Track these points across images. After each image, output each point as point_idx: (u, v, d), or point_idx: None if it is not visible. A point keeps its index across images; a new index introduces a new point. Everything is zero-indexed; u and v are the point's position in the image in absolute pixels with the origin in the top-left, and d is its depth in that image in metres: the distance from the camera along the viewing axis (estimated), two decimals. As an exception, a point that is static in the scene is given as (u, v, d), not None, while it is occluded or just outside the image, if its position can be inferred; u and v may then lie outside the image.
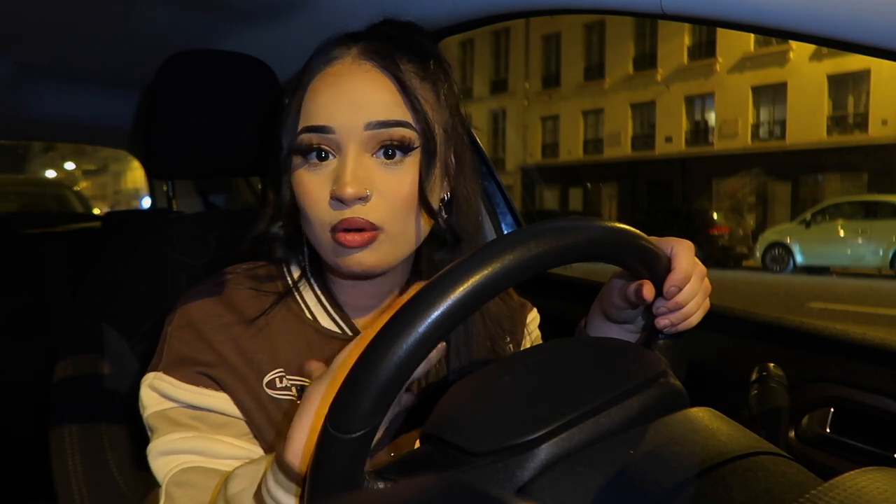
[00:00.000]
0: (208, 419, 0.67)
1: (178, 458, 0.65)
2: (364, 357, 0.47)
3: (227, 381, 0.68)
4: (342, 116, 0.66)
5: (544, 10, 0.97)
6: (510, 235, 0.49)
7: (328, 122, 0.66)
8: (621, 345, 0.66)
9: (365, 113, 0.66)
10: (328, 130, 0.66)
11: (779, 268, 12.85)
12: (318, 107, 0.67)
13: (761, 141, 19.52)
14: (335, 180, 0.66)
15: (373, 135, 0.66)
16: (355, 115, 0.66)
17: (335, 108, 0.66)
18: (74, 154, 25.05)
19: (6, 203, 4.89)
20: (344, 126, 0.66)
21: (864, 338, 0.88)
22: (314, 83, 0.68)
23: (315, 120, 0.67)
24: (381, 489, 0.51)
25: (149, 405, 0.68)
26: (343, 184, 0.64)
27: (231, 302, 0.72)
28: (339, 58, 0.69)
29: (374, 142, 0.66)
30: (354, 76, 0.67)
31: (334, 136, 0.66)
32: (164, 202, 1.46)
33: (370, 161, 0.67)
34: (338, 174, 0.66)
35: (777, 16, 0.69)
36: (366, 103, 0.66)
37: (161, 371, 0.68)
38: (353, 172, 0.65)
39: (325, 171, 0.67)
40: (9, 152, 17.37)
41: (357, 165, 0.66)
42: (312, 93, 0.68)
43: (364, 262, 0.67)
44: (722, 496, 0.45)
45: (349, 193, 0.64)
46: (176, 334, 0.70)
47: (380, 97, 0.66)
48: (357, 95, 0.66)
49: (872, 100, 17.32)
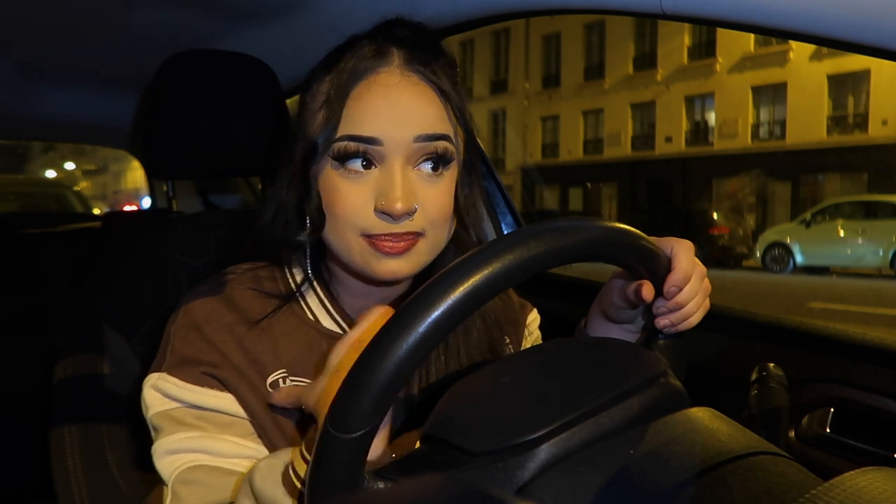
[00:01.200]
0: (213, 419, 0.67)
1: (185, 457, 0.65)
2: (364, 357, 0.47)
3: (231, 381, 0.68)
4: (391, 129, 0.65)
5: (544, 10, 0.97)
6: (510, 235, 0.49)
7: (377, 134, 0.65)
8: (621, 345, 0.66)
9: (414, 126, 0.66)
10: (376, 142, 0.65)
11: (779, 268, 12.86)
12: (365, 116, 0.66)
13: (761, 141, 19.52)
14: (382, 193, 0.65)
15: (419, 147, 0.66)
16: (404, 129, 0.65)
17: (384, 121, 0.65)
18: (74, 154, 25.06)
19: (6, 203, 4.89)
20: (393, 139, 0.65)
21: (864, 338, 0.88)
22: (358, 90, 0.66)
23: (362, 130, 0.65)
24: (382, 489, 0.51)
25: (153, 405, 0.68)
26: (394, 199, 0.64)
27: (233, 302, 0.72)
28: (386, 66, 0.67)
29: (419, 154, 0.67)
30: (403, 88, 0.66)
31: (381, 148, 0.66)
32: (164, 202, 1.46)
33: (413, 174, 0.67)
34: (385, 188, 0.65)
35: (777, 16, 0.68)
36: (415, 117, 0.66)
37: (165, 371, 0.68)
38: (402, 187, 0.65)
39: (367, 179, 0.66)
40: (9, 152, 17.37)
41: (404, 179, 0.66)
42: (357, 100, 0.66)
43: (399, 270, 0.67)
44: (722, 496, 0.45)
45: (399, 209, 0.64)
46: (179, 334, 0.70)
47: (427, 110, 0.67)
48: (407, 109, 0.66)
49: (872, 100, 17.32)
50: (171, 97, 1.06)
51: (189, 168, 1.12)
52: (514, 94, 24.99)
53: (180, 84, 1.06)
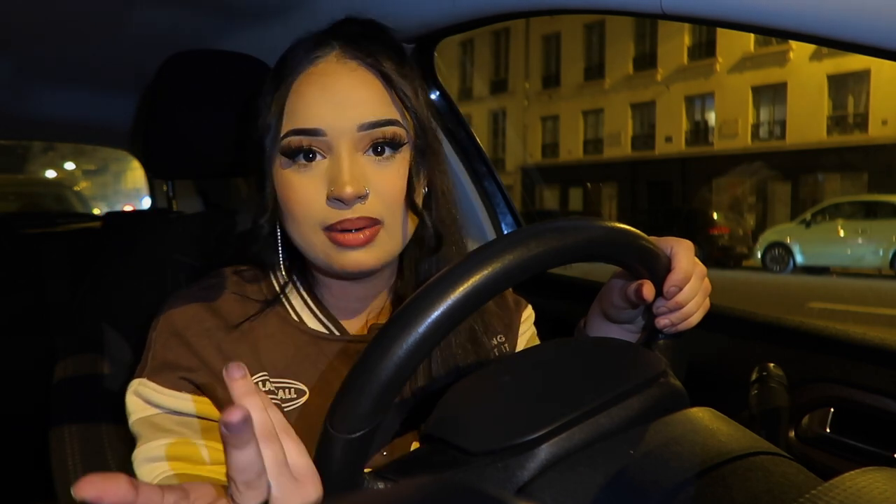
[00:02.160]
0: (192, 424, 0.67)
1: (163, 465, 0.64)
2: (364, 357, 0.47)
3: (208, 386, 0.67)
4: (333, 118, 0.65)
5: (544, 10, 0.97)
6: (510, 235, 0.49)
7: (318, 125, 0.65)
8: (621, 345, 0.66)
9: (356, 114, 0.65)
10: (319, 133, 0.65)
11: (779, 268, 12.85)
12: (306, 108, 0.66)
13: (761, 141, 19.51)
14: (331, 181, 0.65)
15: (365, 135, 0.66)
16: (346, 117, 0.65)
17: (325, 110, 0.65)
18: (74, 154, 25.04)
19: (6, 203, 4.89)
20: (335, 128, 0.65)
21: (864, 338, 0.88)
22: (297, 83, 0.67)
23: (304, 122, 0.65)
24: (381, 489, 0.51)
25: (134, 411, 0.67)
26: (342, 184, 0.64)
27: (214, 307, 0.72)
28: (323, 56, 0.67)
29: (366, 141, 0.66)
30: (341, 75, 0.66)
31: (325, 139, 0.65)
32: (164, 202, 1.46)
33: (363, 159, 0.67)
34: (333, 174, 0.65)
35: (777, 16, 0.68)
36: (356, 103, 0.66)
37: (145, 377, 0.68)
38: (349, 172, 0.64)
39: (316, 171, 0.66)
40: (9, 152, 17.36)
41: (352, 164, 0.65)
42: (297, 94, 0.66)
43: (363, 262, 0.67)
44: (722, 496, 0.45)
45: (349, 193, 0.63)
46: (159, 340, 0.70)
47: (369, 96, 0.66)
48: (346, 95, 0.65)
49: (872, 100, 17.31)
50: (171, 97, 1.06)
51: (189, 168, 1.12)
52: (514, 94, 24.98)
53: (180, 84, 1.06)
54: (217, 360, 0.68)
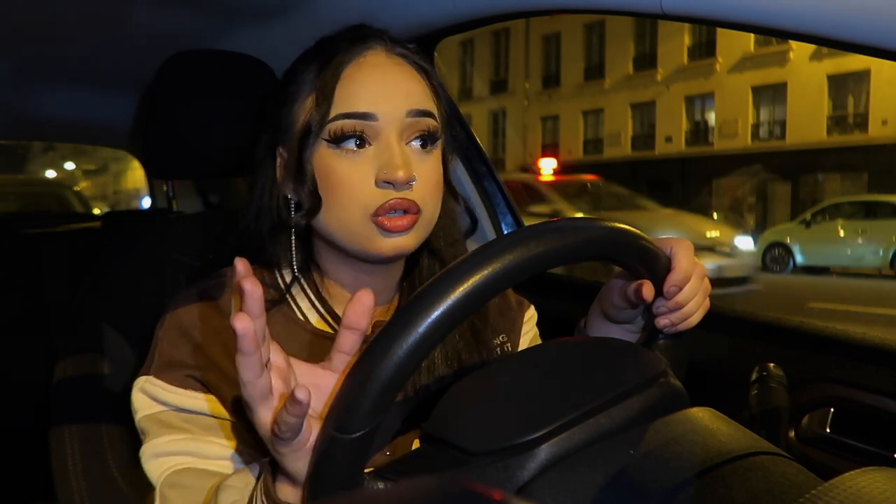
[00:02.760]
0: (199, 422, 0.67)
1: (171, 460, 0.65)
2: (364, 357, 0.47)
3: (215, 384, 0.68)
4: (385, 104, 0.67)
5: (544, 10, 0.97)
6: (510, 235, 0.49)
7: (372, 110, 0.67)
8: (621, 345, 0.66)
9: (405, 101, 0.68)
10: (371, 117, 0.67)
11: (779, 268, 12.84)
12: (358, 93, 0.67)
13: (761, 141, 19.51)
14: (383, 165, 0.66)
15: (411, 122, 0.68)
16: (397, 103, 0.67)
17: (378, 96, 0.67)
18: (74, 154, 25.04)
19: (6, 203, 4.89)
20: (387, 113, 0.67)
21: (864, 338, 0.88)
22: (349, 70, 0.68)
23: (357, 106, 0.67)
24: (382, 489, 0.51)
25: (140, 409, 0.68)
26: (395, 167, 0.65)
27: (221, 305, 0.72)
28: (371, 50, 0.70)
29: (412, 130, 0.68)
30: (391, 66, 0.69)
31: (377, 123, 0.67)
32: (164, 202, 1.46)
33: (407, 149, 0.69)
34: (385, 159, 0.66)
35: (777, 16, 0.68)
36: (406, 92, 0.68)
37: (152, 375, 0.68)
38: (401, 155, 0.66)
39: (364, 157, 0.67)
40: (9, 152, 17.37)
41: (402, 151, 0.67)
42: (349, 80, 0.68)
43: (403, 246, 0.68)
44: (722, 496, 0.45)
45: (401, 176, 0.65)
46: (166, 338, 0.70)
47: (415, 87, 0.70)
48: (397, 85, 0.68)
49: (872, 100, 17.30)
50: (171, 97, 1.06)
51: (189, 168, 1.12)
52: (514, 94, 24.98)
53: (180, 84, 1.06)
54: (224, 359, 0.68)
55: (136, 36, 1.32)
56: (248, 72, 1.11)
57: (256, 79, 1.12)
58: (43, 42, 1.35)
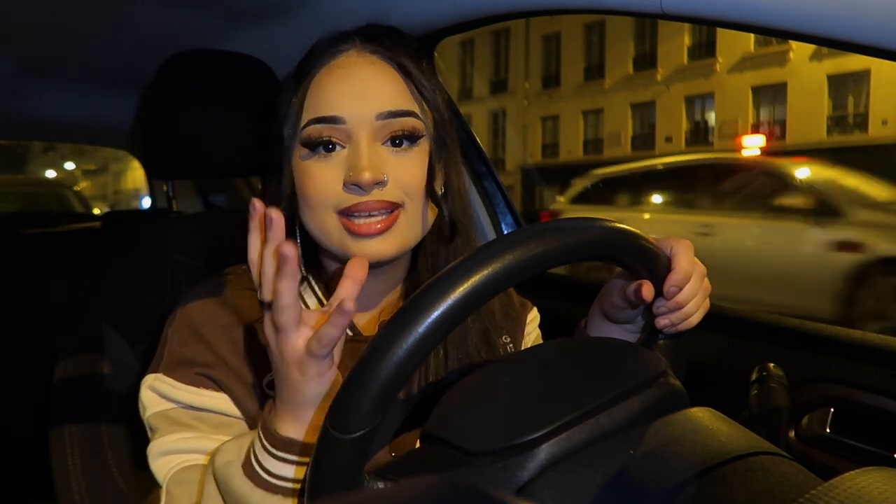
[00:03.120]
0: (208, 419, 0.67)
1: (179, 458, 0.65)
2: (364, 357, 0.47)
3: (226, 382, 0.68)
4: (352, 106, 0.66)
5: (544, 10, 0.97)
6: (510, 235, 0.49)
7: (339, 113, 0.66)
8: (621, 345, 0.66)
9: (375, 103, 0.67)
10: (339, 121, 0.66)
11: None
12: (326, 97, 0.67)
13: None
14: (349, 167, 0.66)
15: (383, 125, 0.67)
16: (366, 105, 0.66)
17: (345, 99, 0.67)
18: (74, 154, 25.05)
19: (6, 203, 4.89)
20: (355, 116, 0.66)
21: (864, 338, 0.88)
22: (320, 76, 0.68)
23: (324, 111, 0.67)
24: (381, 489, 0.51)
25: (149, 406, 0.68)
26: (360, 169, 0.65)
27: (230, 304, 0.72)
28: (345, 51, 0.69)
29: (385, 131, 0.68)
30: (362, 67, 0.68)
31: (345, 127, 0.66)
32: (164, 202, 1.46)
33: (382, 149, 0.68)
34: (352, 161, 0.66)
35: (777, 16, 0.68)
36: (375, 94, 0.67)
37: (161, 372, 0.68)
38: (368, 158, 0.66)
39: (335, 160, 0.67)
40: (9, 152, 17.36)
41: (371, 152, 0.66)
42: (319, 85, 0.68)
43: (381, 251, 0.67)
44: (722, 496, 0.45)
45: (367, 178, 0.64)
46: (176, 336, 0.70)
47: (388, 87, 0.68)
48: (366, 86, 0.67)
49: (872, 100, 17.30)
50: (171, 97, 1.06)
51: (189, 168, 1.12)
52: (514, 94, 24.98)
53: (180, 84, 1.06)
54: (233, 357, 0.69)
55: (136, 36, 1.32)
56: (249, 72, 1.11)
57: (256, 79, 1.12)
58: (43, 42, 1.35)
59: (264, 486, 0.58)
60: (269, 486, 0.58)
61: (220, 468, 0.60)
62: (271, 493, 0.58)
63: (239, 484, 0.58)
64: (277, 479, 0.58)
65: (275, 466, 0.58)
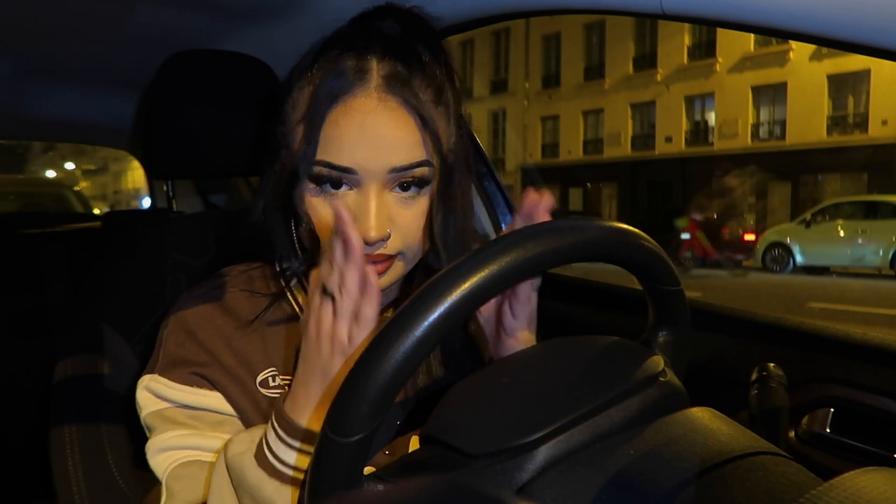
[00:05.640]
0: (205, 418, 0.68)
1: (177, 454, 0.66)
2: (361, 361, 0.47)
3: (220, 381, 0.69)
4: (367, 160, 0.64)
5: (544, 10, 0.97)
6: (508, 236, 0.49)
7: (352, 165, 0.64)
8: (621, 345, 0.66)
9: (390, 157, 0.65)
10: (351, 171, 0.65)
11: (779, 268, 12.84)
12: (339, 144, 0.64)
13: (761, 141, 19.50)
14: (357, 218, 0.65)
15: (395, 177, 0.66)
16: (380, 159, 0.64)
17: (359, 151, 0.64)
18: (74, 154, 25.06)
19: (6, 203, 4.89)
20: (368, 170, 0.65)
21: (864, 338, 0.88)
22: (334, 115, 0.65)
23: (337, 158, 0.64)
24: (381, 490, 0.50)
25: (145, 406, 0.69)
26: (368, 228, 0.64)
27: (225, 304, 0.73)
28: (363, 89, 0.64)
29: (395, 181, 0.67)
30: (379, 115, 0.64)
31: (356, 177, 0.65)
32: (164, 202, 1.46)
33: (389, 196, 0.67)
34: (359, 214, 0.65)
35: (777, 16, 0.68)
36: (391, 148, 0.64)
37: (157, 373, 0.69)
38: (376, 216, 0.65)
39: (342, 201, 0.66)
40: (9, 152, 17.37)
41: (379, 205, 0.65)
42: (334, 126, 0.64)
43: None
44: (722, 496, 0.45)
45: (373, 237, 0.64)
46: (171, 338, 0.71)
47: (404, 139, 0.65)
48: (383, 139, 0.64)
49: (872, 100, 17.30)
50: (171, 97, 1.06)
51: (189, 168, 1.12)
52: (514, 94, 24.97)
53: (180, 84, 1.06)
54: (228, 357, 0.70)
55: (136, 36, 1.32)
56: (249, 72, 1.11)
57: (257, 79, 1.12)
58: (43, 42, 1.35)
59: (278, 475, 0.58)
60: (283, 476, 0.58)
61: (232, 458, 0.60)
62: (285, 483, 0.58)
63: (253, 474, 0.58)
64: (291, 468, 0.58)
65: (288, 455, 0.58)
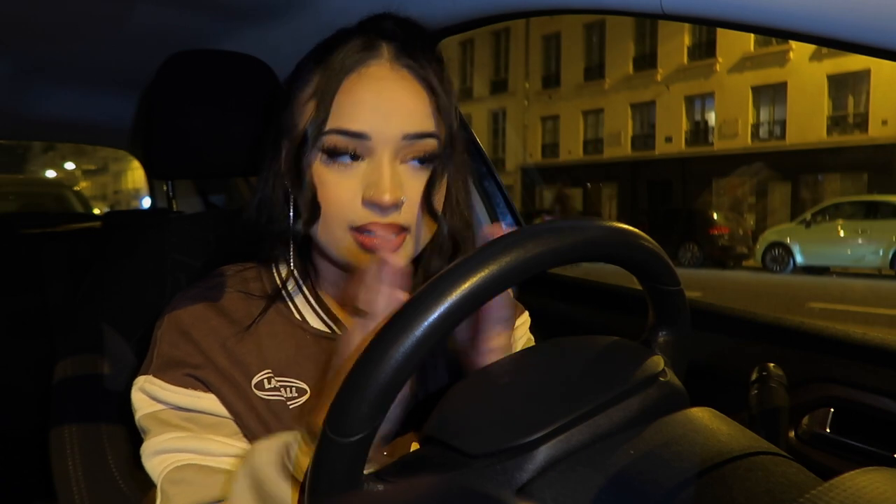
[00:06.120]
0: (199, 420, 0.67)
1: (172, 457, 0.65)
2: (361, 360, 0.47)
3: (214, 383, 0.68)
4: (381, 124, 0.65)
5: (544, 10, 0.97)
6: (508, 236, 0.49)
7: (366, 129, 0.65)
8: (621, 344, 0.66)
9: (403, 123, 0.66)
10: (365, 137, 0.65)
11: (779, 268, 12.85)
12: (354, 109, 0.66)
13: (761, 141, 19.50)
14: (370, 185, 0.65)
15: (407, 145, 0.67)
16: (393, 124, 0.66)
17: (374, 115, 0.65)
18: (74, 154, 25.07)
19: (6, 203, 4.89)
20: (382, 134, 0.65)
21: (864, 338, 0.88)
22: (348, 82, 0.66)
23: (351, 124, 0.65)
24: (381, 491, 0.50)
25: (140, 408, 0.68)
26: (382, 190, 0.65)
27: (219, 305, 0.72)
28: (376, 60, 0.67)
29: (407, 151, 0.67)
30: (392, 81, 0.66)
31: (370, 143, 0.66)
32: (164, 202, 1.46)
33: (401, 168, 0.68)
34: (373, 179, 0.65)
35: (777, 16, 0.68)
36: (405, 113, 0.66)
37: (151, 374, 0.68)
38: (390, 179, 0.65)
39: (355, 171, 0.67)
40: (9, 152, 17.38)
41: (392, 172, 0.66)
42: (347, 93, 0.66)
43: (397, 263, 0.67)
44: (722, 496, 0.45)
45: (388, 200, 0.64)
46: (165, 338, 0.70)
47: (417, 107, 0.67)
48: (397, 103, 0.66)
49: (872, 100, 17.30)
50: (171, 97, 1.06)
51: (189, 168, 1.12)
52: (514, 94, 24.97)
53: (180, 84, 1.06)
54: (222, 358, 0.69)
55: (136, 36, 1.32)
56: (249, 72, 1.11)
57: (257, 79, 1.12)
58: (43, 42, 1.35)
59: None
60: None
61: (257, 469, 0.59)
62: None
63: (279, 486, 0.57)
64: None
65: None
